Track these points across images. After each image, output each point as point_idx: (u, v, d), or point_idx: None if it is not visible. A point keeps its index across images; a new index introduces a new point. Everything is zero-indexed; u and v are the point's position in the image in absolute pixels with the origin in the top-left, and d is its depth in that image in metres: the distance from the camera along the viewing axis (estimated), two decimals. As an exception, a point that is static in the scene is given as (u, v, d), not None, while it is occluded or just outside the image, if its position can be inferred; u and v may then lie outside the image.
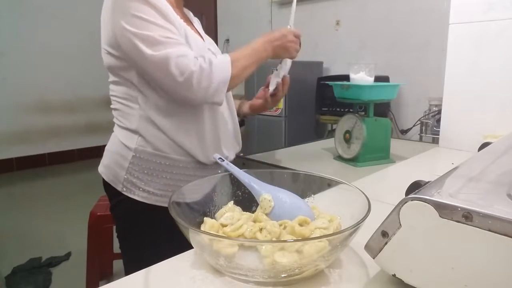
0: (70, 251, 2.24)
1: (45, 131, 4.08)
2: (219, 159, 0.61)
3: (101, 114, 4.43)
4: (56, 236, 2.49)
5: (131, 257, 0.98)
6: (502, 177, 0.48)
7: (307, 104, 2.81)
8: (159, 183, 0.91)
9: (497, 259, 0.35)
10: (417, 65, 2.56)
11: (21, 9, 3.79)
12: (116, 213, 0.98)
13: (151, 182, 0.91)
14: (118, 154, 0.93)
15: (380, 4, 2.73)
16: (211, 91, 0.83)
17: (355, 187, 0.55)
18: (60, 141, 4.19)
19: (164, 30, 0.81)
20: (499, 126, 1.14)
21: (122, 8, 0.81)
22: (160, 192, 0.91)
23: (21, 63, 3.84)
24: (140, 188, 0.91)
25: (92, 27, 4.25)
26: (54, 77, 4.03)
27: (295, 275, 0.44)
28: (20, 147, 3.93)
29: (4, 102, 3.78)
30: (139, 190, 0.91)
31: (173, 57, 0.79)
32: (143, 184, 0.91)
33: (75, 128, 4.27)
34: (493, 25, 1.14)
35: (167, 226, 0.92)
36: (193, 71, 0.80)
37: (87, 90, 4.25)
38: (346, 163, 1.31)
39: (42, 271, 2.05)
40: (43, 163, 4.10)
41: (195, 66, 0.80)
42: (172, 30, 0.82)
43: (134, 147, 0.90)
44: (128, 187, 0.91)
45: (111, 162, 0.94)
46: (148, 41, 0.79)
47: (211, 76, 0.82)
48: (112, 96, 0.94)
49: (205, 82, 0.81)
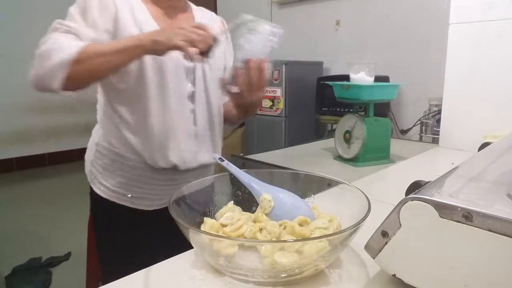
0: (70, 251, 2.24)
1: (45, 131, 4.08)
2: (219, 159, 0.61)
3: (101, 114, 4.44)
4: (56, 236, 2.49)
5: (97, 245, 1.05)
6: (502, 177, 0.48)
7: (307, 104, 2.81)
8: (115, 179, 0.93)
9: (497, 259, 0.35)
10: (417, 65, 2.56)
11: (21, 9, 3.79)
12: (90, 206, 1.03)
13: (107, 177, 0.93)
14: (89, 146, 0.98)
15: (380, 4, 2.73)
16: (42, 71, 0.77)
17: (355, 187, 0.55)
18: (60, 141, 4.18)
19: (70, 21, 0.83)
20: (499, 126, 1.14)
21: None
22: (115, 189, 0.93)
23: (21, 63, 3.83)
24: (99, 181, 0.94)
25: (92, 27, 4.26)
26: (54, 77, 4.02)
27: (295, 275, 0.44)
28: (20, 147, 3.93)
29: (4, 102, 3.78)
30: (99, 183, 0.94)
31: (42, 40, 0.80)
32: (102, 178, 0.94)
33: (75, 128, 4.26)
34: (493, 25, 1.14)
35: (123, 222, 0.95)
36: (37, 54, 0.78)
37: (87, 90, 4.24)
38: (346, 163, 1.31)
39: (42, 271, 2.05)
40: (43, 163, 4.10)
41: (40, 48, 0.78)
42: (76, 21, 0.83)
43: (96, 141, 0.95)
44: (92, 179, 0.96)
45: (87, 154, 0.99)
46: None
47: (49, 54, 0.76)
48: None
49: (39, 61, 0.77)
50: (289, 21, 3.33)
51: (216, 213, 0.57)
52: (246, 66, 0.82)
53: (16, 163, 3.93)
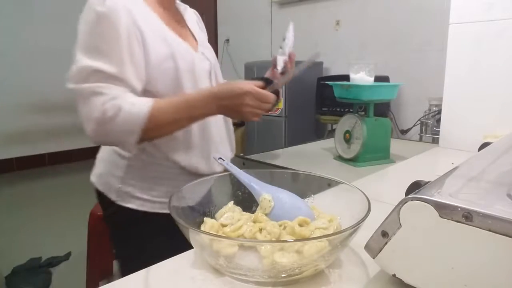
0: (70, 251, 2.24)
1: (45, 131, 4.08)
2: (219, 159, 0.61)
3: (101, 114, 4.44)
4: (56, 236, 2.49)
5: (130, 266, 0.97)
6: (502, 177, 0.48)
7: (307, 104, 2.81)
8: (157, 190, 0.88)
9: (497, 259, 0.35)
10: (417, 65, 2.56)
11: (21, 9, 3.79)
12: (110, 222, 0.96)
13: (147, 190, 0.88)
14: (111, 163, 0.90)
15: (380, 4, 2.73)
16: (110, 140, 0.78)
17: (355, 187, 0.55)
18: (60, 141, 4.18)
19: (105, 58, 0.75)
20: (499, 126, 1.14)
21: None
22: (156, 199, 0.88)
23: (21, 63, 3.84)
24: (134, 196, 0.88)
25: (92, 27, 4.26)
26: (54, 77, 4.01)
27: (295, 275, 0.44)
28: (20, 147, 3.93)
29: (4, 102, 3.78)
30: (134, 198, 0.88)
31: (85, 94, 0.74)
32: (139, 193, 0.88)
33: (75, 128, 4.26)
34: (493, 25, 1.14)
35: (165, 232, 0.87)
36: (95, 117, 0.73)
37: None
38: (346, 163, 1.31)
39: (42, 271, 2.05)
40: (43, 163, 4.10)
41: (98, 111, 0.73)
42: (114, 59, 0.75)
43: (128, 156, 0.87)
44: (122, 196, 0.88)
45: (104, 171, 0.91)
46: None
47: (112, 125, 0.74)
48: None
49: (104, 129, 0.74)
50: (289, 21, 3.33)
51: (216, 213, 0.57)
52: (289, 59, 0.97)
53: (16, 163, 3.93)
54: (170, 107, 0.78)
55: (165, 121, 0.78)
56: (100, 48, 0.75)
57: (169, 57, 0.83)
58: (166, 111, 0.78)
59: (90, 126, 0.75)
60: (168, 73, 0.83)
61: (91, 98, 0.73)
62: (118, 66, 0.75)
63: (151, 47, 0.80)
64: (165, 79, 0.83)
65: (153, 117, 0.75)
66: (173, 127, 0.81)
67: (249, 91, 0.78)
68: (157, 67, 0.82)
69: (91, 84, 0.74)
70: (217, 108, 0.80)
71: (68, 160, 4.22)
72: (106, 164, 0.91)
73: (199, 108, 0.79)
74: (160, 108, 0.77)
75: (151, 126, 0.75)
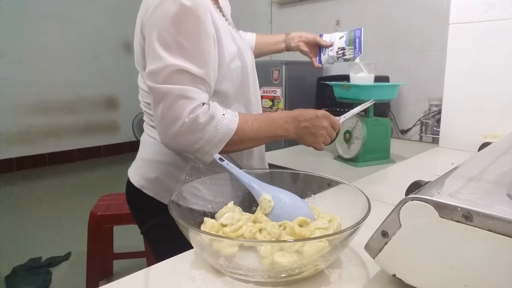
0: (70, 251, 2.24)
1: (45, 131, 4.08)
2: (219, 159, 0.61)
3: (101, 114, 4.44)
4: (56, 236, 2.48)
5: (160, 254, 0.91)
6: (502, 177, 0.48)
7: (307, 104, 2.80)
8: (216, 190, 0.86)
9: (497, 259, 0.35)
10: (417, 65, 2.56)
11: (21, 9, 3.79)
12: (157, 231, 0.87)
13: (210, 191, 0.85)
14: (172, 165, 0.84)
15: (380, 4, 2.73)
16: (189, 147, 0.72)
17: (355, 187, 0.55)
18: (60, 141, 4.18)
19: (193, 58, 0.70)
20: (499, 126, 1.14)
21: None
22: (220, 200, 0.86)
23: (21, 63, 3.84)
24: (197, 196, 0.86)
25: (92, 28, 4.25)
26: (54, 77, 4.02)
27: (295, 275, 0.44)
28: (20, 147, 3.93)
29: (4, 102, 3.78)
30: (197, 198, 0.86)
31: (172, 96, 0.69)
32: (202, 193, 0.86)
33: (75, 128, 4.27)
34: (493, 25, 1.14)
35: None
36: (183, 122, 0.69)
37: (87, 90, 4.25)
38: (346, 163, 1.31)
39: (42, 271, 2.05)
40: (43, 163, 4.10)
41: (188, 117, 0.69)
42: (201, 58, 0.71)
43: (193, 157, 0.83)
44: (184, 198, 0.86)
45: (162, 175, 0.84)
46: None
47: (201, 133, 0.70)
48: None
49: (188, 136, 0.70)
50: (289, 21, 3.32)
51: (216, 213, 0.57)
52: None
53: (16, 163, 3.93)
54: (256, 123, 0.76)
55: (248, 136, 0.75)
56: (183, 46, 0.69)
57: (237, 55, 0.80)
58: (251, 126, 0.75)
59: (172, 129, 0.69)
60: (236, 72, 0.81)
61: (179, 102, 0.68)
62: (203, 67, 0.71)
63: (225, 46, 0.77)
64: (232, 78, 0.80)
65: (240, 131, 0.73)
66: (252, 143, 0.78)
67: (328, 116, 0.81)
68: (227, 66, 0.78)
69: (178, 86, 0.69)
70: (295, 129, 0.79)
71: (68, 160, 4.22)
72: (166, 166, 0.85)
73: (280, 127, 0.78)
74: (246, 122, 0.74)
75: (235, 140, 0.73)
